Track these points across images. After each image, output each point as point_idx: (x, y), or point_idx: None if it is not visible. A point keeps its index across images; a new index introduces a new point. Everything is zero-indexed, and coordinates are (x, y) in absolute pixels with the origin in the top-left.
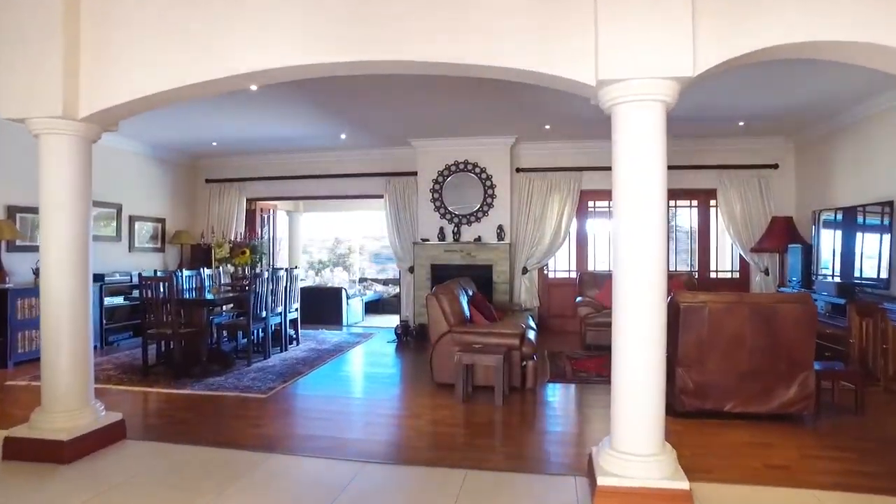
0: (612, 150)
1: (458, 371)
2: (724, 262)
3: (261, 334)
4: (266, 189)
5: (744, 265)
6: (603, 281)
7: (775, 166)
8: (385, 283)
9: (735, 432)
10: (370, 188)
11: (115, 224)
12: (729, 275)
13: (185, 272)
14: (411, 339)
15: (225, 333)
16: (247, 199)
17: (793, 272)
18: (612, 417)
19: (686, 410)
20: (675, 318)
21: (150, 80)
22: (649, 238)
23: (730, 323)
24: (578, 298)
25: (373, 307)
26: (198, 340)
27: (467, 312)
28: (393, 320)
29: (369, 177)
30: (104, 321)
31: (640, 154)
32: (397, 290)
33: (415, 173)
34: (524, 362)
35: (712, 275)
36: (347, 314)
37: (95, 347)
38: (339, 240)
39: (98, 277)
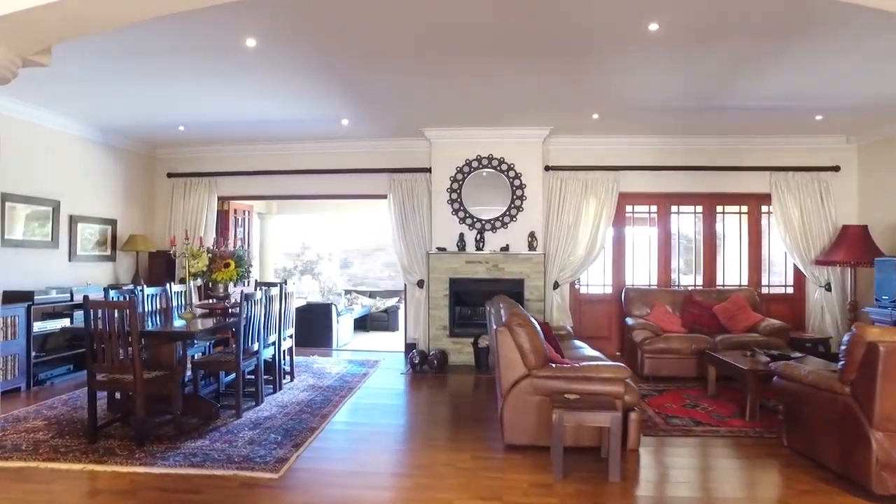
0: None
1: (557, 436)
2: (774, 275)
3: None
4: (242, 186)
5: (799, 280)
6: (653, 299)
7: (836, 168)
8: (371, 295)
9: None
10: (371, 186)
11: (50, 226)
12: (781, 290)
13: (147, 290)
14: (429, 370)
15: (201, 371)
16: (218, 198)
17: (882, 289)
18: None
19: (891, 493)
20: (871, 363)
21: None
22: None
23: None
24: (630, 321)
25: (358, 324)
26: (170, 386)
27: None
28: (386, 340)
29: (370, 173)
30: (32, 354)
31: None
32: (386, 303)
33: (426, 169)
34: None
35: (764, 290)
36: (338, 335)
37: (18, 389)
38: (305, 245)
39: (25, 296)
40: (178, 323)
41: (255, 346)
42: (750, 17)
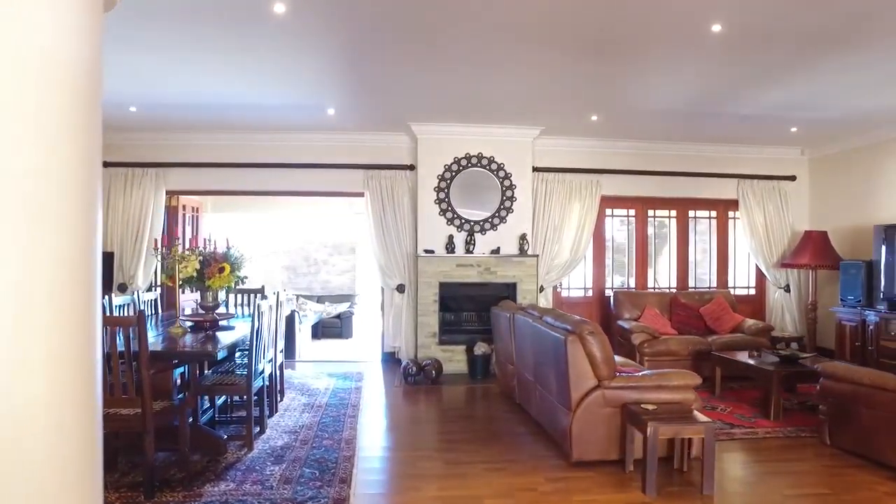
0: None
1: (652, 451)
2: (738, 277)
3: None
4: (196, 180)
5: (759, 282)
6: (643, 301)
7: (793, 178)
8: (319, 300)
9: None
10: (344, 184)
11: None
12: (744, 291)
13: (115, 299)
14: (423, 381)
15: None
16: (166, 193)
17: (847, 290)
18: None
19: None
20: None
21: None
22: None
23: None
24: (624, 324)
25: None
26: (178, 418)
27: None
28: (343, 349)
29: (345, 169)
30: None
31: None
32: (337, 309)
33: (407, 167)
34: None
35: (730, 291)
36: (299, 344)
37: None
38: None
39: None
40: (152, 335)
41: (260, 367)
42: (807, 22)
